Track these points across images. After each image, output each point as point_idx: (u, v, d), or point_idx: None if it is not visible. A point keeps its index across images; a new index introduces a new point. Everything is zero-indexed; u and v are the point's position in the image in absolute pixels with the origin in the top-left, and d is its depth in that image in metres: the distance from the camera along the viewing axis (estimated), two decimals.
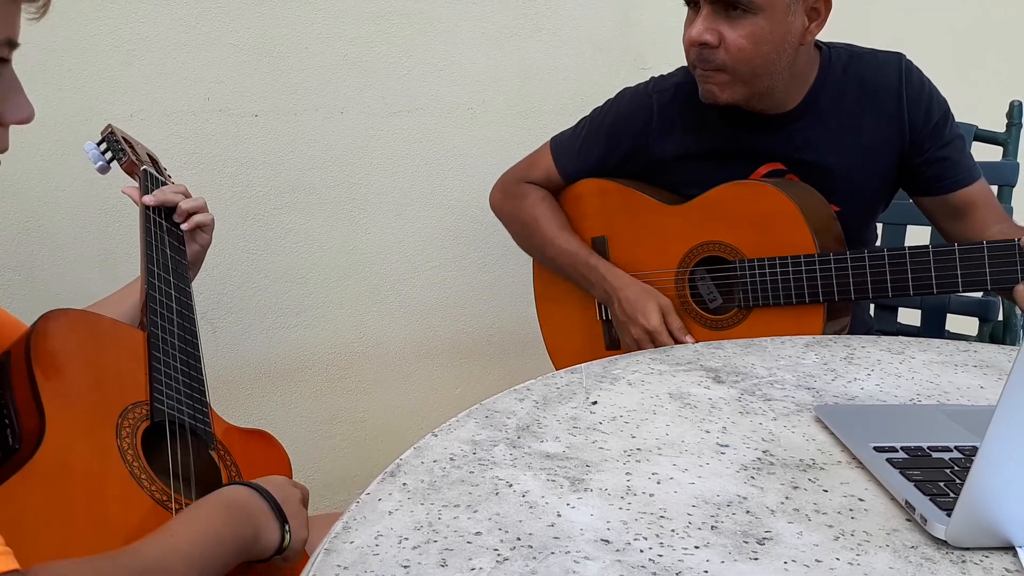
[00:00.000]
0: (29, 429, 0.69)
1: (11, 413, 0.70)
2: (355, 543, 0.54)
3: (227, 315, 1.59)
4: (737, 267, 1.19)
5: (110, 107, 1.43)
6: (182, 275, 0.97)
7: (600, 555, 0.53)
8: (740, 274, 1.19)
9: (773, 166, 1.24)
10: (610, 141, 1.32)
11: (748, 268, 1.18)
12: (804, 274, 1.14)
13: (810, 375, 0.86)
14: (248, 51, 1.51)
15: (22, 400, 0.70)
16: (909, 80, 1.20)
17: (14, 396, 0.71)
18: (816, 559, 0.53)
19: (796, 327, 1.16)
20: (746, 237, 1.19)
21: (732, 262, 1.20)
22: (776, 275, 1.16)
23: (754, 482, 0.63)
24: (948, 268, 1.07)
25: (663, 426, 0.73)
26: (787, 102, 1.21)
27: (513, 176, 1.43)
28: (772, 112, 1.21)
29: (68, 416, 0.71)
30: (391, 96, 1.62)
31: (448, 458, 0.66)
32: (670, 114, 1.28)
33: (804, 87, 1.21)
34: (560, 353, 1.42)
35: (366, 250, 1.67)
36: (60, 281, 1.46)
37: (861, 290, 1.12)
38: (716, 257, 1.22)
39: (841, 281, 1.12)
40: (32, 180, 1.41)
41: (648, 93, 1.31)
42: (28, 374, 0.71)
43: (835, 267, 1.13)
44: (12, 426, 0.69)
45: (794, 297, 1.15)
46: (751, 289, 1.18)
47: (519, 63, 1.70)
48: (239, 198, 1.56)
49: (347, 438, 1.73)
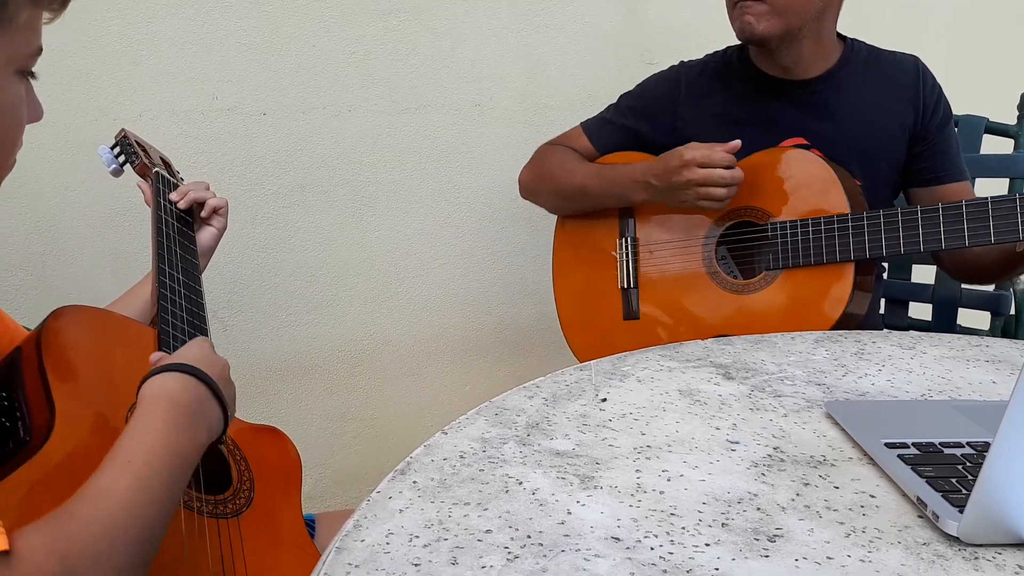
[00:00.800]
0: (39, 422, 0.69)
1: (22, 407, 0.70)
2: (366, 541, 0.55)
3: (238, 313, 1.60)
4: (768, 229, 1.21)
5: (119, 107, 1.44)
6: (193, 274, 0.98)
7: (611, 553, 0.53)
8: (771, 236, 1.20)
9: (796, 140, 1.28)
10: (641, 113, 1.38)
11: (780, 230, 1.20)
12: (836, 232, 1.16)
13: (820, 371, 0.86)
14: (256, 50, 1.51)
15: (33, 394, 0.71)
16: (925, 76, 1.28)
17: (25, 390, 0.71)
18: (827, 556, 0.53)
19: (825, 288, 1.17)
20: (778, 201, 1.22)
21: (763, 224, 1.21)
22: (808, 235, 1.18)
23: (765, 479, 0.63)
24: (981, 220, 1.09)
25: (673, 423, 0.73)
26: (810, 67, 1.28)
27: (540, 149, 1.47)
28: (796, 77, 1.28)
29: (78, 410, 0.71)
30: (398, 93, 1.62)
31: (458, 456, 0.66)
32: (698, 85, 1.35)
33: (828, 62, 1.29)
34: (574, 326, 1.41)
35: (375, 248, 1.67)
36: (71, 281, 1.47)
37: (893, 245, 1.14)
38: (745, 222, 1.24)
39: (873, 238, 1.14)
40: (42, 181, 1.42)
41: (676, 69, 1.40)
42: (39, 369, 0.72)
43: (868, 224, 1.15)
44: (23, 419, 0.70)
45: (825, 255, 1.16)
46: (782, 250, 1.20)
47: (526, 59, 1.70)
48: (248, 197, 1.56)
49: (357, 435, 1.74)
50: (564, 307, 1.42)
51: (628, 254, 1.35)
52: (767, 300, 1.21)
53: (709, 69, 1.36)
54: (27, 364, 0.73)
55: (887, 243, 1.14)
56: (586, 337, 1.39)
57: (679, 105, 1.35)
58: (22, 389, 0.72)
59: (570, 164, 1.38)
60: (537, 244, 1.75)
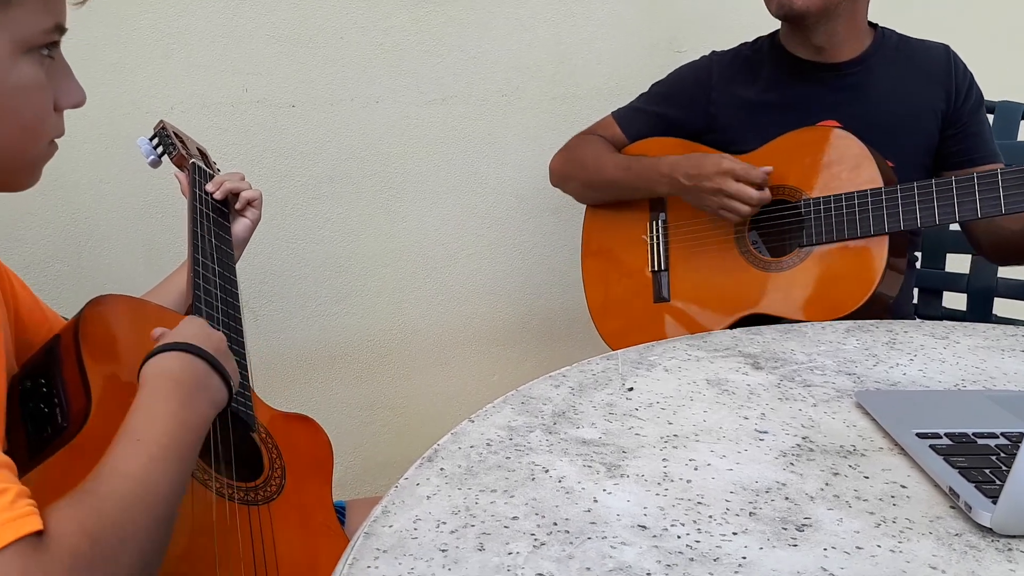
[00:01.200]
0: (76, 409, 0.71)
1: (60, 393, 0.72)
2: (394, 527, 0.55)
3: (268, 303, 1.62)
4: (802, 207, 1.21)
5: (151, 100, 1.46)
6: (227, 264, 0.99)
7: (637, 540, 0.53)
8: (805, 213, 1.20)
9: (829, 123, 1.27)
10: (673, 100, 1.39)
11: (813, 206, 1.20)
12: (870, 205, 1.15)
13: (851, 360, 0.85)
14: (285, 42, 1.53)
15: (71, 381, 0.72)
16: (956, 62, 1.29)
17: (63, 377, 0.73)
18: (857, 546, 0.53)
19: (858, 263, 1.16)
20: (810, 179, 1.22)
21: (796, 202, 1.21)
22: (841, 209, 1.17)
23: (793, 468, 0.63)
24: (1018, 186, 1.08)
25: (700, 412, 0.73)
26: (843, 50, 1.28)
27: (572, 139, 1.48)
28: (828, 60, 1.28)
29: (113, 397, 0.73)
30: (426, 85, 1.63)
31: (485, 443, 0.67)
32: (730, 72, 1.36)
33: (860, 47, 1.29)
34: (603, 310, 1.41)
35: (403, 238, 1.68)
36: (106, 271, 1.50)
37: (928, 215, 1.13)
38: (778, 200, 1.24)
39: (907, 208, 1.13)
40: (78, 173, 1.45)
41: (708, 59, 1.40)
42: (76, 357, 0.73)
43: (902, 195, 1.14)
44: (61, 405, 0.71)
45: (859, 229, 1.16)
46: (815, 227, 1.19)
47: (553, 49, 1.69)
48: (278, 188, 1.57)
49: (386, 424, 1.75)
50: (593, 292, 1.42)
51: (659, 236, 1.35)
52: (799, 277, 1.20)
53: (741, 56, 1.37)
54: (65, 352, 0.75)
55: (922, 213, 1.13)
56: (615, 322, 1.39)
57: (711, 91, 1.35)
58: (60, 376, 0.73)
59: (600, 155, 1.38)
60: (564, 234, 1.74)
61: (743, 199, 1.20)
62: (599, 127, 1.45)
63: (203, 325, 0.76)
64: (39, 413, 0.72)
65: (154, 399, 0.65)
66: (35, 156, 0.63)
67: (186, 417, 0.65)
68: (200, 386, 0.69)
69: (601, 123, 1.45)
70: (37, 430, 0.71)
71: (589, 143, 1.42)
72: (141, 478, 0.58)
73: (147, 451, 0.60)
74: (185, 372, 0.69)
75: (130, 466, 0.58)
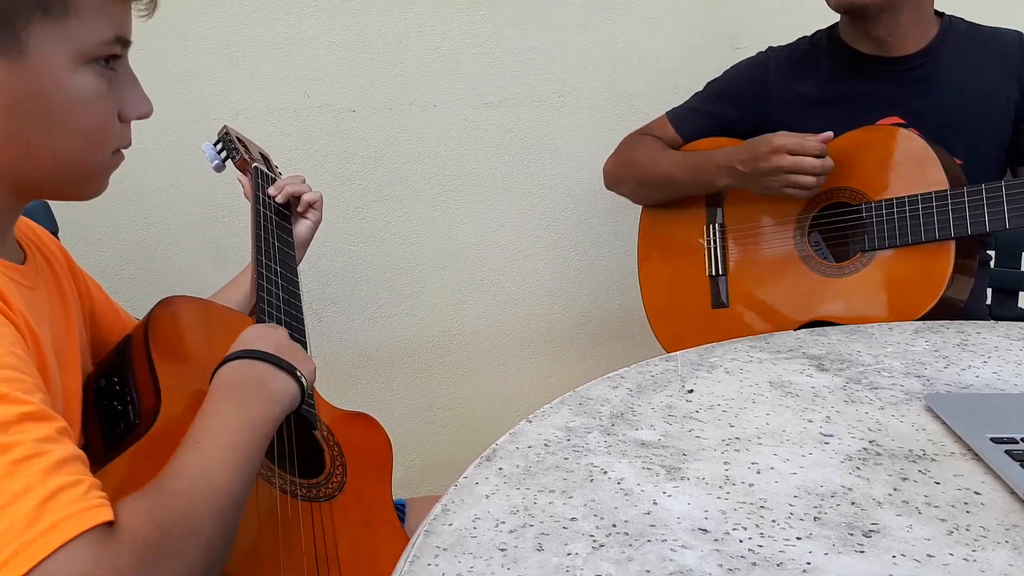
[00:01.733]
0: (147, 406, 0.73)
1: (132, 391, 0.75)
2: (453, 525, 0.56)
3: (331, 305, 1.65)
4: (863, 209, 1.17)
5: (217, 107, 1.50)
6: (290, 265, 1.01)
7: (698, 544, 0.53)
8: (866, 217, 1.16)
9: (892, 119, 1.23)
10: (728, 99, 1.37)
11: (875, 209, 1.16)
12: (935, 209, 1.11)
13: (920, 362, 0.82)
14: (345, 48, 1.55)
15: (142, 379, 0.75)
16: None
17: (135, 376, 0.76)
18: (928, 554, 0.51)
19: (924, 268, 1.12)
20: (872, 180, 1.18)
21: (857, 205, 1.18)
22: (905, 213, 1.13)
23: (860, 473, 0.61)
24: None
25: (763, 415, 0.72)
26: (908, 43, 1.23)
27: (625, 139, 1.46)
28: (891, 54, 1.23)
29: (181, 395, 0.75)
30: (482, 87, 1.64)
31: (543, 444, 0.67)
32: (786, 65, 1.32)
33: (925, 37, 1.23)
34: (660, 315, 1.39)
35: (461, 240, 1.69)
36: (176, 273, 1.55)
37: (997, 219, 1.08)
38: (838, 203, 1.21)
39: (975, 212, 1.09)
40: (149, 179, 1.50)
41: (764, 54, 1.37)
42: (147, 356, 0.76)
43: (969, 199, 1.09)
44: (133, 403, 0.74)
45: (924, 234, 1.11)
46: (877, 231, 1.16)
47: (610, 48, 1.68)
48: (340, 192, 1.60)
49: (446, 424, 1.77)
50: (650, 297, 1.40)
51: (716, 241, 1.33)
52: (862, 283, 1.17)
53: (799, 51, 1.33)
54: (136, 352, 0.78)
55: (991, 218, 1.08)
56: (673, 327, 1.37)
57: (768, 88, 1.32)
58: (132, 375, 0.76)
59: (654, 153, 1.37)
60: (621, 235, 1.73)
61: (804, 170, 1.15)
62: (653, 127, 1.43)
63: (260, 328, 0.78)
64: (113, 410, 0.75)
65: (216, 404, 0.68)
66: (99, 165, 0.65)
67: (247, 417, 0.67)
68: (258, 387, 0.71)
69: (655, 123, 1.43)
70: (111, 427, 0.74)
71: (642, 143, 1.40)
72: (206, 476, 0.60)
73: (210, 451, 0.62)
74: (244, 376, 0.71)
75: (195, 466, 0.60)
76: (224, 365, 0.72)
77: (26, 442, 0.49)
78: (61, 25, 0.58)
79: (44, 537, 0.47)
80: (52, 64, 0.58)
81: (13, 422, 0.49)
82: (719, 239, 1.32)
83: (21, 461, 0.48)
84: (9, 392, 0.50)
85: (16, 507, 0.47)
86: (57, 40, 0.58)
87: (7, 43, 0.56)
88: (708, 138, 1.36)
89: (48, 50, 0.58)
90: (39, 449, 0.49)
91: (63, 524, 0.47)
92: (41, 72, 0.58)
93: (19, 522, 0.46)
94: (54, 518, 0.47)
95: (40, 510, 0.47)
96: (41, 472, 0.48)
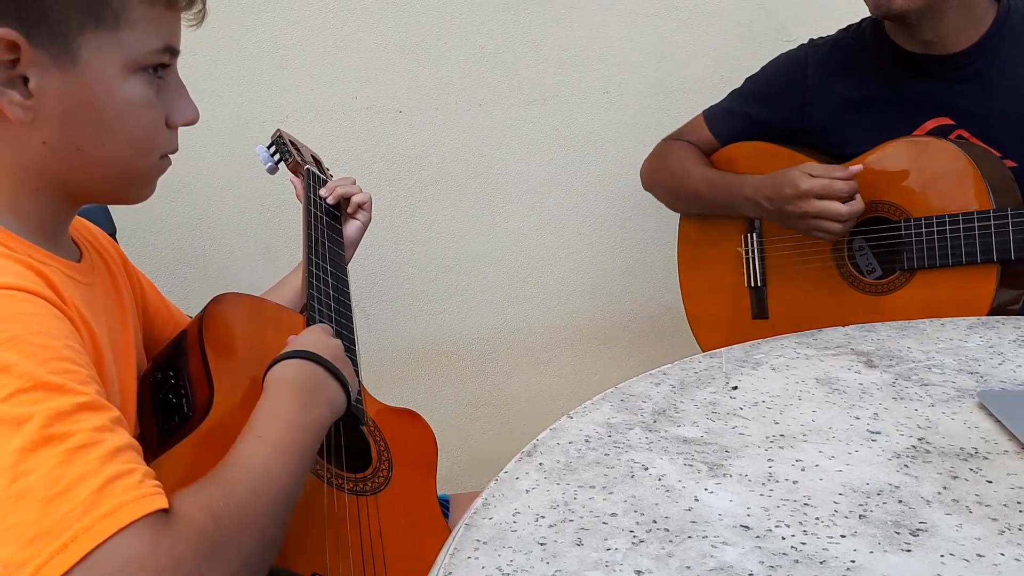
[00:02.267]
0: (200, 400, 0.75)
1: (186, 385, 0.77)
2: (494, 519, 0.56)
3: (378, 303, 1.67)
4: (902, 227, 1.13)
5: (267, 110, 1.53)
6: (339, 264, 1.03)
7: (739, 540, 0.52)
8: (905, 234, 1.12)
9: (939, 121, 1.17)
10: (766, 100, 1.31)
11: (915, 227, 1.11)
12: (977, 231, 1.06)
13: (974, 359, 0.80)
14: (391, 49, 1.57)
15: (195, 373, 0.77)
16: None
17: (189, 370, 0.78)
18: (977, 553, 0.50)
19: (965, 291, 1.08)
20: (912, 196, 1.13)
21: (896, 222, 1.14)
22: (945, 233, 1.09)
23: (908, 471, 0.60)
24: None
25: (809, 412, 0.71)
26: (958, 41, 1.15)
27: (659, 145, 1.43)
28: (940, 52, 1.16)
29: (234, 389, 0.77)
30: (527, 85, 1.64)
31: (583, 440, 0.67)
32: (827, 64, 1.26)
33: (978, 31, 1.15)
34: (702, 323, 1.38)
35: (506, 238, 1.70)
36: (228, 273, 1.58)
37: None
38: (879, 218, 1.17)
39: (1019, 236, 1.04)
40: (202, 180, 1.54)
41: (804, 50, 1.30)
42: (200, 351, 0.78)
43: (1013, 221, 1.04)
44: (187, 396, 0.76)
45: (964, 257, 1.07)
46: (917, 250, 1.11)
47: (655, 43, 1.67)
48: (387, 192, 1.62)
49: (490, 420, 1.78)
50: (691, 304, 1.39)
51: (754, 251, 1.30)
52: (902, 302, 1.13)
53: (841, 46, 1.26)
54: (190, 347, 0.80)
55: None
56: (715, 335, 1.35)
57: (807, 89, 1.26)
58: (186, 369, 0.78)
59: (687, 165, 1.33)
60: (665, 232, 1.72)
61: (831, 217, 1.11)
62: (689, 129, 1.40)
63: (322, 333, 0.80)
64: (168, 403, 0.77)
65: (275, 401, 0.70)
66: (147, 170, 0.67)
67: (304, 418, 0.69)
68: (318, 391, 0.73)
69: (692, 124, 1.40)
70: (167, 419, 0.76)
71: (676, 151, 1.36)
72: (263, 470, 0.61)
73: (268, 447, 0.64)
74: (304, 377, 0.73)
75: (253, 460, 0.62)
76: (286, 361, 0.74)
77: (83, 431, 0.51)
78: (112, 35, 0.60)
79: (101, 522, 0.48)
80: (103, 73, 0.61)
81: (70, 412, 0.51)
82: (757, 249, 1.29)
83: (78, 449, 0.50)
84: (65, 383, 0.52)
85: (74, 493, 0.49)
86: (108, 50, 0.60)
87: (60, 53, 0.59)
88: (745, 142, 1.32)
89: (99, 60, 0.60)
90: (95, 438, 0.51)
91: (120, 510, 0.49)
92: (93, 81, 0.60)
93: (77, 507, 0.48)
94: (111, 504, 0.49)
95: (97, 496, 0.49)
96: (98, 460, 0.50)
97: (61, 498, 0.48)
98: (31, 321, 0.53)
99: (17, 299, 0.54)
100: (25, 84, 0.59)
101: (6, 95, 0.58)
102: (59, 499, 0.48)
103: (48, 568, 0.47)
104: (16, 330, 0.52)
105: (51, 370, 0.52)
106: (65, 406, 0.51)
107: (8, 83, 0.58)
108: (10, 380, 0.50)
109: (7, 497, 0.48)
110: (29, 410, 0.50)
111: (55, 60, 0.59)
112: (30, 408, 0.50)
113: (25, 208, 0.63)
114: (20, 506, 0.48)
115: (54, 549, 0.47)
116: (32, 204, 0.63)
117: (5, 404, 0.50)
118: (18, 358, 0.51)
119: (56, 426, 0.50)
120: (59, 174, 0.63)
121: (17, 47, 0.57)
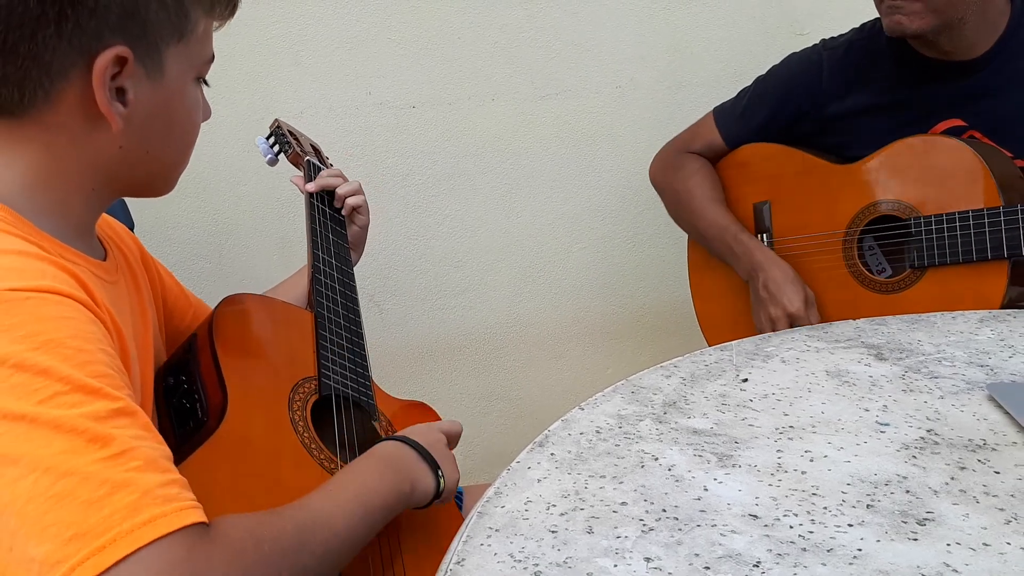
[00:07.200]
0: (215, 404, 0.76)
1: (200, 390, 0.78)
2: (506, 507, 0.57)
3: (392, 297, 1.68)
4: (912, 224, 1.13)
5: (282, 106, 1.55)
6: (344, 257, 1.03)
7: (748, 529, 0.53)
8: (915, 232, 1.13)
9: (952, 123, 1.17)
10: (777, 103, 1.30)
11: (924, 225, 1.12)
12: (987, 228, 1.06)
13: (984, 352, 0.80)
14: (405, 45, 1.58)
15: (208, 377, 0.78)
16: None
17: (201, 374, 0.78)
18: (984, 543, 0.50)
19: (975, 287, 1.09)
20: (922, 194, 1.13)
21: (906, 220, 1.14)
22: (955, 230, 1.09)
23: (916, 461, 0.60)
24: None
25: (818, 404, 0.71)
26: (975, 47, 1.15)
27: (673, 148, 1.43)
28: (957, 58, 1.15)
29: (247, 391, 0.78)
30: (540, 80, 1.64)
31: (594, 431, 0.68)
32: (842, 69, 1.25)
33: (994, 34, 1.15)
34: (712, 324, 1.39)
35: (518, 233, 1.71)
36: (244, 268, 1.60)
37: None
38: (889, 217, 1.17)
39: None
40: (217, 176, 1.55)
41: (817, 51, 1.29)
42: (212, 353, 0.79)
43: (1023, 217, 1.04)
44: (201, 401, 0.77)
45: (975, 253, 1.08)
46: (927, 247, 1.12)
47: (669, 37, 1.67)
48: (400, 187, 1.64)
49: (503, 414, 1.79)
50: (701, 304, 1.40)
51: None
52: (913, 300, 1.13)
53: (855, 49, 1.24)
54: (201, 350, 0.80)
55: None
56: (725, 335, 1.35)
57: (820, 95, 1.25)
58: (199, 373, 0.79)
59: (698, 197, 1.33)
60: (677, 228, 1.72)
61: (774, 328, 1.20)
62: (699, 131, 1.38)
63: (430, 428, 0.84)
64: (181, 408, 0.77)
65: (356, 465, 0.74)
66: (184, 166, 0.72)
67: (377, 484, 0.72)
68: (401, 467, 0.76)
69: (702, 124, 1.39)
70: (181, 424, 0.77)
71: (690, 174, 1.35)
72: (319, 512, 0.64)
73: (336, 497, 0.67)
74: (392, 454, 0.77)
75: (313, 503, 0.65)
76: (382, 442, 0.79)
77: (122, 436, 0.52)
78: (186, 47, 0.65)
79: (141, 529, 0.50)
80: (179, 82, 0.66)
81: (107, 416, 0.52)
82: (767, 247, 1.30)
83: (119, 455, 0.51)
84: (102, 387, 0.53)
85: (116, 498, 0.50)
86: (183, 60, 0.65)
87: (155, 66, 0.63)
88: (758, 143, 1.31)
89: (178, 70, 0.65)
90: (134, 444, 0.52)
91: (160, 520, 0.50)
92: (172, 89, 0.65)
93: (119, 512, 0.49)
94: (151, 513, 0.50)
95: (138, 503, 0.50)
96: (137, 467, 0.51)
97: (103, 502, 0.49)
98: (68, 325, 0.54)
99: (53, 302, 0.55)
100: (122, 94, 0.62)
101: (114, 105, 0.61)
102: (101, 503, 0.49)
103: (84, 568, 0.48)
104: (53, 333, 0.53)
105: (88, 373, 0.53)
106: (102, 410, 0.52)
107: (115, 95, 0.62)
108: (49, 383, 0.51)
109: (47, 497, 0.49)
110: (68, 412, 0.51)
111: (148, 72, 0.63)
112: (69, 411, 0.51)
113: (71, 207, 0.64)
114: (61, 506, 0.49)
115: (91, 550, 0.48)
116: (80, 203, 0.65)
117: (44, 406, 0.50)
118: (56, 361, 0.52)
119: (97, 429, 0.51)
120: (118, 173, 0.66)
121: (125, 60, 0.61)
